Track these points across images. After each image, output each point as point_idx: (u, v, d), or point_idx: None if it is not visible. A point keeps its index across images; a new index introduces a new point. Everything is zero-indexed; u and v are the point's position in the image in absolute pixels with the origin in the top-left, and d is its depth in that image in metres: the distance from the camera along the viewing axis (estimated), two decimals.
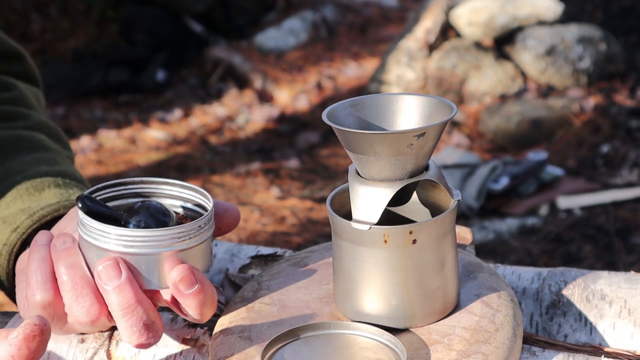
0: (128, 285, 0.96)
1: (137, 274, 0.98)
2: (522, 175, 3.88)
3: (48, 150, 1.25)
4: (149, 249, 0.97)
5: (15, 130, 1.26)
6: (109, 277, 0.96)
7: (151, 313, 0.98)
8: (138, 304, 0.96)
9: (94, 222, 0.97)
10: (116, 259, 0.97)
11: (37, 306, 0.99)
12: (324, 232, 3.66)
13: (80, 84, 5.31)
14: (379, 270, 0.96)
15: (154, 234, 0.97)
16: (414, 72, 4.76)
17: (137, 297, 0.96)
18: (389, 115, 0.99)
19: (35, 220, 1.11)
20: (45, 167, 1.20)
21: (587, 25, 4.89)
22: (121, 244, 0.97)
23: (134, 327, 0.97)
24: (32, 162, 1.21)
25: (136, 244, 0.97)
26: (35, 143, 1.25)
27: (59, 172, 1.20)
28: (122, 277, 0.96)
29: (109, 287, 0.96)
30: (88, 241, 0.98)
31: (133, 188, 1.06)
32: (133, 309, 0.96)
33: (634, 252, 3.35)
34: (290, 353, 0.94)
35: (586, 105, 4.48)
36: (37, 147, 1.25)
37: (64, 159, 1.26)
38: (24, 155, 1.22)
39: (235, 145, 4.71)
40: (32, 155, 1.22)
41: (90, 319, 0.99)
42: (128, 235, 0.96)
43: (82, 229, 0.99)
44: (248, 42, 5.77)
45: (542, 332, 1.09)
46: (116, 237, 0.97)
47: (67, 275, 0.98)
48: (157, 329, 0.98)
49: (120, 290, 0.96)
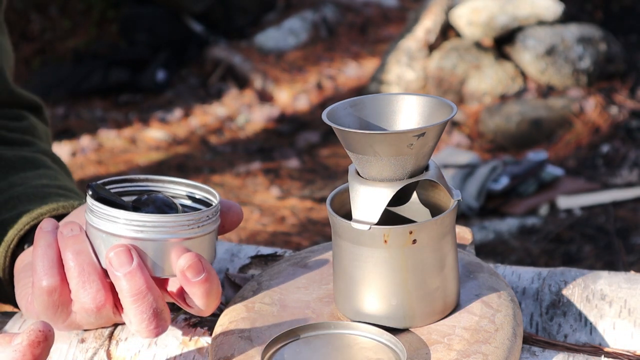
0: (139, 271, 0.97)
1: (145, 261, 0.98)
2: (522, 175, 3.88)
3: (50, 169, 1.28)
4: (158, 235, 0.97)
5: (21, 153, 1.29)
6: (120, 263, 0.97)
7: (160, 301, 0.98)
8: (148, 290, 0.97)
9: (103, 207, 0.98)
10: (127, 245, 0.97)
11: (43, 292, 0.99)
12: (324, 232, 3.66)
13: (80, 84, 5.31)
14: (379, 270, 0.96)
15: (163, 220, 0.97)
16: (414, 72, 4.76)
17: (147, 283, 0.97)
18: (389, 115, 0.99)
19: (34, 217, 1.12)
20: (46, 180, 1.23)
21: (587, 25, 4.89)
22: (130, 229, 0.97)
23: (144, 314, 0.97)
24: (34, 176, 1.23)
25: (145, 229, 0.97)
26: (37, 162, 1.28)
27: (60, 185, 1.22)
28: (133, 264, 0.97)
29: (119, 273, 0.97)
30: (96, 227, 0.99)
31: (139, 185, 1.07)
32: (144, 296, 0.97)
33: (634, 252, 3.35)
34: (290, 353, 0.94)
35: (586, 105, 4.48)
36: (39, 165, 1.27)
37: (64, 177, 1.28)
38: (26, 172, 1.25)
39: (235, 145, 4.71)
40: (35, 172, 1.25)
41: (96, 305, 0.99)
42: (137, 219, 0.97)
43: (90, 216, 0.99)
44: (248, 42, 5.78)
45: (542, 332, 1.09)
46: (125, 222, 0.97)
47: (74, 261, 0.99)
48: (165, 318, 0.99)
49: (132, 276, 0.97)
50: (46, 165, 1.28)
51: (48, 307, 1.00)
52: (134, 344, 1.06)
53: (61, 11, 5.98)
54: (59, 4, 5.99)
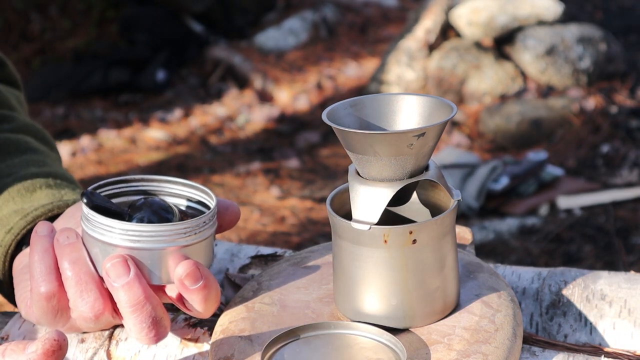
0: (137, 282, 0.96)
1: (142, 270, 0.98)
2: (522, 175, 3.88)
3: (36, 152, 1.25)
4: (154, 244, 0.97)
5: (2, 134, 1.26)
6: (118, 275, 0.96)
7: (159, 309, 0.98)
8: (147, 300, 0.97)
9: (99, 217, 0.97)
10: (124, 256, 0.97)
11: (41, 298, 0.99)
12: (324, 232, 3.66)
13: (80, 84, 5.31)
14: (379, 270, 0.96)
15: (159, 229, 0.97)
16: (414, 72, 4.76)
17: (145, 293, 0.97)
18: (389, 115, 0.99)
19: (30, 220, 1.11)
20: (34, 168, 1.20)
21: (587, 25, 4.89)
22: (127, 239, 0.97)
23: (143, 324, 0.97)
24: (21, 164, 1.21)
25: (141, 239, 0.97)
26: (22, 145, 1.25)
27: (49, 173, 1.20)
28: (130, 274, 0.96)
29: (117, 285, 0.96)
30: (92, 236, 0.98)
31: (135, 186, 1.06)
32: (142, 306, 0.97)
33: (634, 252, 3.35)
34: (290, 353, 0.94)
35: (586, 105, 4.48)
36: (25, 149, 1.25)
37: (52, 160, 1.26)
38: (12, 157, 1.22)
39: (235, 145, 4.71)
40: (21, 158, 1.23)
41: (94, 314, 0.99)
42: (133, 230, 0.97)
43: (87, 224, 0.99)
44: (248, 42, 5.77)
45: (542, 332, 1.09)
46: (121, 232, 0.97)
47: (71, 270, 0.98)
48: (165, 325, 0.99)
49: (130, 287, 0.96)
50: (32, 148, 1.25)
51: (47, 313, 1.00)
52: (134, 344, 1.06)
53: (61, 11, 5.98)
54: (59, 4, 5.99)
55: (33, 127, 1.31)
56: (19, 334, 1.09)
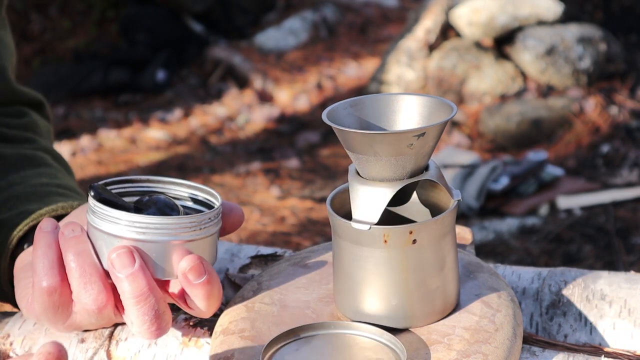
0: (141, 273, 0.97)
1: (147, 263, 0.98)
2: (522, 175, 3.88)
3: (50, 167, 1.27)
4: (160, 237, 0.97)
5: (22, 150, 1.28)
6: (123, 265, 0.97)
7: (162, 303, 0.98)
8: (150, 292, 0.97)
9: (106, 208, 0.98)
10: (129, 247, 0.97)
11: (43, 293, 0.99)
12: (324, 232, 3.66)
13: (80, 84, 5.31)
14: (379, 270, 0.96)
15: (165, 222, 0.97)
16: (414, 72, 4.76)
17: (149, 285, 0.97)
18: (389, 115, 0.99)
19: (34, 217, 1.12)
20: (46, 179, 1.22)
21: (587, 25, 4.89)
22: (133, 230, 0.97)
23: (146, 316, 0.97)
24: (33, 175, 1.23)
25: (147, 231, 0.97)
26: (38, 160, 1.27)
27: (60, 184, 1.22)
28: (135, 265, 0.97)
29: (122, 275, 0.97)
30: (98, 229, 0.99)
31: (140, 186, 1.06)
32: (145, 297, 0.97)
33: (634, 252, 3.35)
34: (290, 353, 0.94)
35: (586, 105, 4.48)
36: (39, 163, 1.27)
37: (64, 175, 1.27)
38: (26, 170, 1.24)
39: (235, 145, 4.71)
40: (34, 170, 1.24)
41: (97, 306, 0.99)
42: (140, 221, 0.97)
43: (92, 217, 0.99)
44: (248, 42, 5.77)
45: (542, 332, 1.09)
46: (127, 223, 0.97)
47: (75, 262, 0.99)
48: (167, 320, 0.99)
49: (134, 278, 0.97)
50: (46, 163, 1.27)
51: (48, 308, 1.00)
52: (134, 344, 1.06)
53: (61, 11, 5.98)
54: (59, 4, 5.99)
55: (53, 150, 1.34)
56: (19, 334, 1.09)
